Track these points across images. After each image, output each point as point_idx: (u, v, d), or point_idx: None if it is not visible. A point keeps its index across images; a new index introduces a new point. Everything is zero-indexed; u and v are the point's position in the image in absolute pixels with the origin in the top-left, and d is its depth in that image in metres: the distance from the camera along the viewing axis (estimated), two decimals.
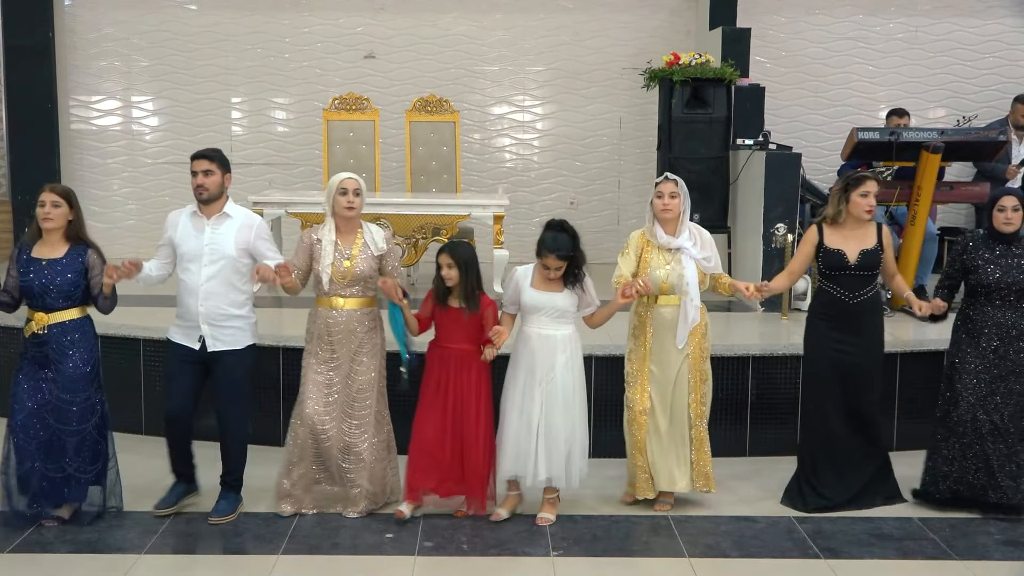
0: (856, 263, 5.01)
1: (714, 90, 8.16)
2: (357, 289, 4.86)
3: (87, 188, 9.78)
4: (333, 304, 4.84)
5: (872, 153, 7.52)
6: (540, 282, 4.86)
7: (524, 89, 9.95)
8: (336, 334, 4.85)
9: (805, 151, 8.46)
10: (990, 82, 9.84)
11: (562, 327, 4.87)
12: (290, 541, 4.68)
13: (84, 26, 9.74)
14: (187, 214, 4.91)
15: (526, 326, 4.90)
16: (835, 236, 5.07)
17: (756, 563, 4.56)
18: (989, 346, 5.01)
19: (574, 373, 4.90)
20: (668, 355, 4.98)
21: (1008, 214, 5.01)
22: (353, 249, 4.85)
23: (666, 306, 4.95)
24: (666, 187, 4.95)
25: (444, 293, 4.90)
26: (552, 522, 4.90)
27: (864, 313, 5.06)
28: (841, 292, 5.03)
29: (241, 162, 9.85)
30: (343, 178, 4.86)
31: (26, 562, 4.44)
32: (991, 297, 5.03)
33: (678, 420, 5.01)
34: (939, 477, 5.11)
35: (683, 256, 4.93)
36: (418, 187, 8.76)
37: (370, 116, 8.77)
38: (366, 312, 4.90)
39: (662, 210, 4.94)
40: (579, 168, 9.95)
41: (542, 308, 4.84)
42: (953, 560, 4.59)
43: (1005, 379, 5.00)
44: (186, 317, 4.85)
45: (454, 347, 4.92)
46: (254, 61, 9.81)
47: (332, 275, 4.80)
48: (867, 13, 9.87)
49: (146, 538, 4.67)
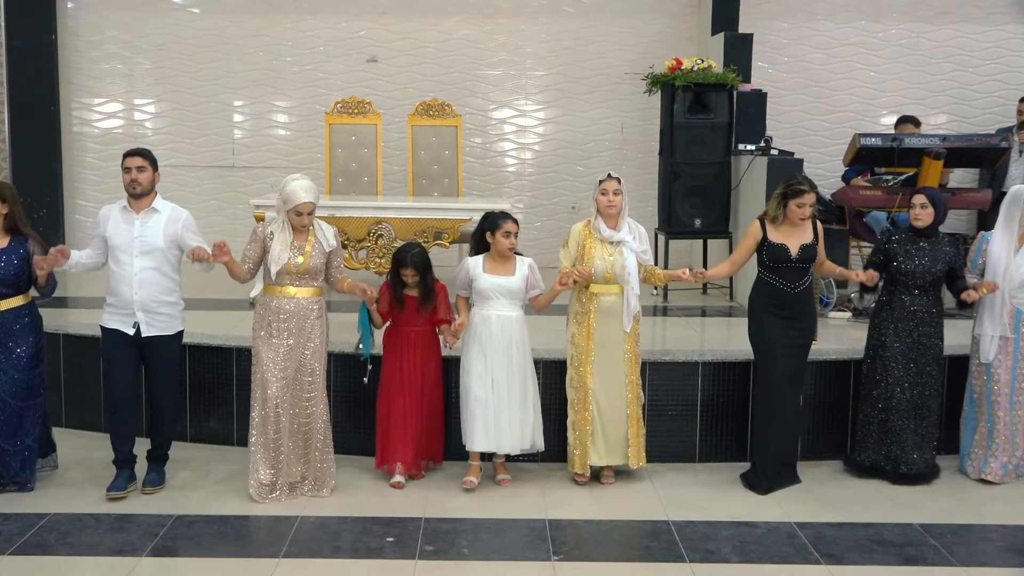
0: (797, 256, 5.38)
1: (716, 95, 8.16)
2: (308, 280, 5.20)
3: (88, 190, 9.80)
4: (285, 292, 5.16)
5: (874, 159, 7.54)
6: (492, 267, 5.38)
7: (526, 93, 9.96)
8: (287, 320, 5.15)
9: (807, 157, 8.50)
10: (992, 88, 9.85)
11: (515, 309, 5.40)
12: (291, 544, 4.68)
13: (87, 29, 9.75)
14: (118, 209, 5.23)
15: (485, 309, 5.37)
16: (777, 232, 5.44)
17: (757, 568, 4.55)
18: (905, 329, 5.54)
19: (526, 350, 5.42)
20: (609, 339, 5.38)
21: (917, 211, 5.54)
22: (306, 247, 5.17)
23: (607, 295, 5.36)
24: (610, 185, 5.33)
25: (401, 294, 5.43)
26: (510, 481, 5.43)
27: (804, 301, 5.45)
28: (784, 283, 5.40)
29: (243, 165, 9.89)
30: (299, 202, 5.07)
31: (27, 563, 4.44)
32: (907, 285, 5.55)
33: (617, 399, 5.41)
34: (860, 447, 5.68)
35: (624, 248, 5.35)
36: (420, 191, 8.77)
37: (372, 120, 8.77)
38: (315, 301, 5.23)
39: (607, 206, 5.33)
40: (581, 173, 9.95)
41: (498, 290, 5.33)
42: (954, 566, 4.58)
43: (917, 360, 5.54)
44: (119, 305, 5.13)
45: (411, 329, 5.47)
46: (256, 64, 9.82)
47: (285, 268, 5.11)
48: (869, 19, 9.88)
49: (147, 540, 4.67)
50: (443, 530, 4.87)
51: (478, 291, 5.38)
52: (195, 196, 9.80)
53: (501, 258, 5.40)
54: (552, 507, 5.17)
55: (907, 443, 5.53)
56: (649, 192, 9.57)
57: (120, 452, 5.24)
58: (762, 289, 5.50)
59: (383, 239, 7.25)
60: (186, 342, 5.56)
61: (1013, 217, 5.59)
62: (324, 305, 5.32)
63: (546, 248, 9.83)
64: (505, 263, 5.40)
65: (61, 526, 4.83)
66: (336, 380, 5.80)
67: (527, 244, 9.62)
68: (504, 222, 5.36)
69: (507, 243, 5.35)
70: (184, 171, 9.79)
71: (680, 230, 8.25)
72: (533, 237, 9.79)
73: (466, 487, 5.34)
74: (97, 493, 5.19)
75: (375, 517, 5.01)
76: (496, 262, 5.40)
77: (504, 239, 5.34)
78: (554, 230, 9.80)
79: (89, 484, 5.29)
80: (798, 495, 5.42)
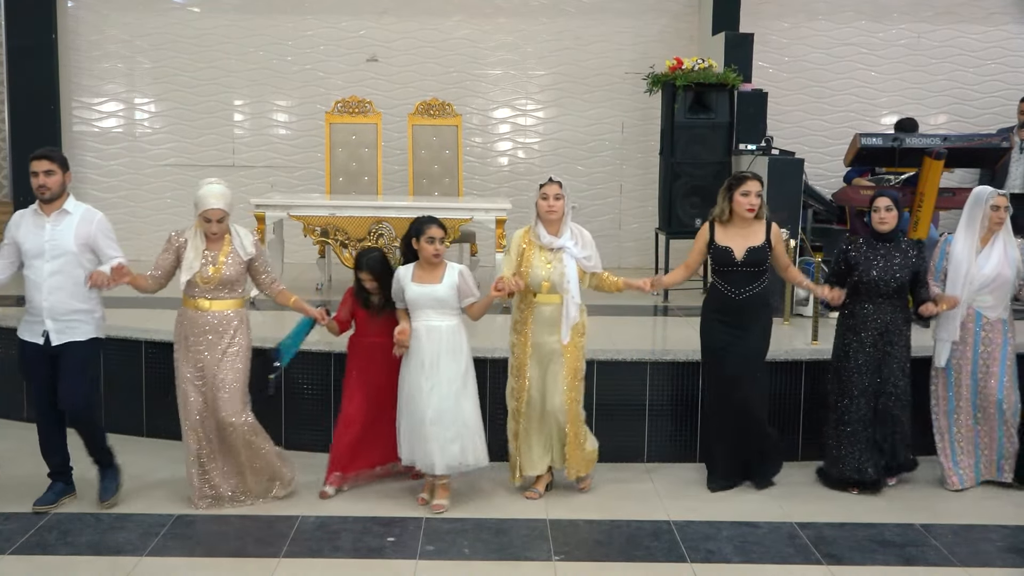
0: (742, 260, 5.20)
1: (717, 95, 8.15)
2: (224, 292, 5.00)
3: (89, 189, 9.79)
4: (199, 306, 4.97)
5: (875, 159, 7.52)
6: (420, 276, 5.10)
7: (527, 93, 9.96)
8: (203, 334, 4.97)
9: (807, 156, 8.50)
10: (992, 88, 9.84)
11: (446, 319, 5.09)
12: (291, 544, 4.67)
13: (87, 28, 9.74)
14: (29, 213, 5.04)
15: (415, 320, 5.11)
16: (724, 234, 5.27)
17: (758, 569, 4.55)
18: (869, 338, 5.35)
19: (460, 362, 5.09)
20: (547, 350, 5.15)
21: (882, 214, 5.34)
22: (220, 255, 4.97)
23: (547, 304, 5.12)
24: (551, 189, 5.13)
25: (366, 299, 5.27)
26: (445, 508, 5.07)
27: (749, 309, 5.25)
28: (728, 288, 5.24)
29: (243, 165, 9.88)
30: (207, 208, 4.90)
31: (27, 563, 4.43)
32: (871, 294, 5.34)
33: (553, 411, 5.17)
34: (832, 460, 5.49)
35: (564, 255, 5.11)
36: (420, 190, 8.76)
37: (372, 119, 8.77)
38: (234, 312, 5.04)
39: (547, 211, 5.12)
40: (581, 172, 9.94)
41: (425, 300, 5.06)
42: (955, 567, 4.58)
43: (880, 371, 5.36)
44: (32, 312, 4.96)
45: (373, 340, 5.26)
46: (256, 64, 9.81)
47: (197, 279, 4.92)
48: (870, 19, 9.87)
49: (147, 540, 4.67)
50: (444, 530, 4.87)
51: (408, 301, 5.11)
52: None
53: (428, 266, 5.09)
54: (553, 507, 5.17)
55: (878, 451, 5.39)
56: (649, 192, 9.58)
57: (50, 464, 5.11)
58: (710, 293, 5.41)
59: (383, 239, 7.25)
60: None
61: (975, 218, 5.43)
62: (245, 316, 5.10)
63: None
64: (433, 271, 5.09)
65: (61, 526, 4.83)
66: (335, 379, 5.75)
67: None
68: (428, 227, 5.07)
69: (431, 249, 5.04)
70: (184, 170, 9.78)
71: (680, 230, 8.23)
72: None
73: (435, 511, 5.08)
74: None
75: (376, 517, 5.01)
76: (424, 270, 5.10)
77: (428, 245, 5.04)
78: None
79: (89, 484, 5.28)
80: (799, 495, 5.42)
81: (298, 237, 7.97)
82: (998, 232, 5.43)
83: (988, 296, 5.43)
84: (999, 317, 5.46)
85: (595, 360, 5.75)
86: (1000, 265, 5.39)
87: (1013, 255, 5.42)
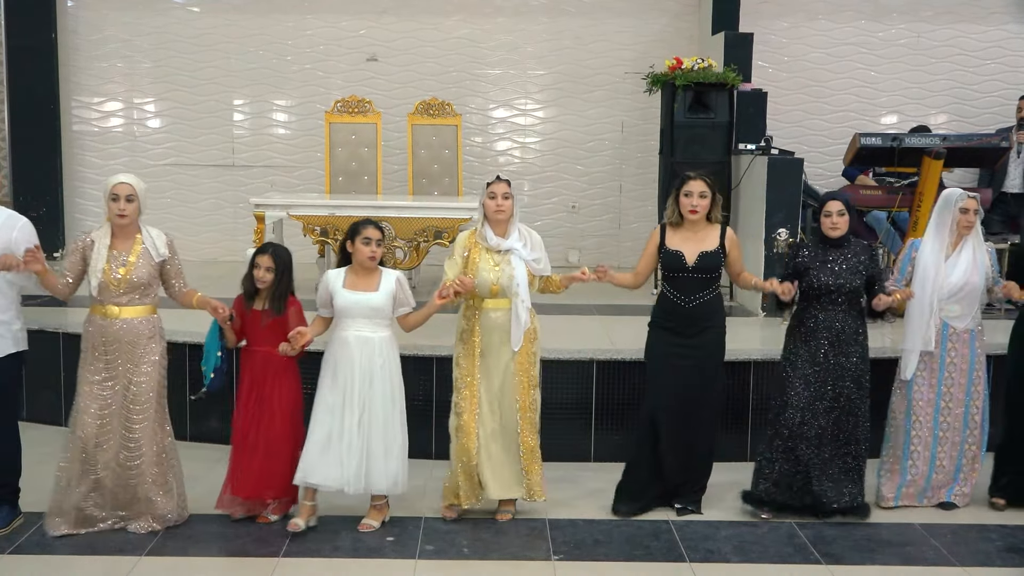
0: (694, 265, 4.89)
1: (716, 95, 8.15)
2: (136, 297, 4.62)
3: (88, 189, 9.79)
4: (108, 313, 4.59)
5: (874, 159, 7.53)
6: (353, 282, 4.74)
7: (526, 93, 9.96)
8: (113, 343, 4.61)
9: (807, 156, 8.49)
10: (992, 88, 9.83)
11: (379, 329, 4.75)
12: (291, 544, 4.67)
13: (87, 27, 9.74)
14: None
15: (343, 330, 4.74)
16: (676, 238, 4.97)
17: (757, 568, 4.55)
18: (819, 349, 4.97)
19: (392, 377, 4.77)
20: (497, 359, 4.83)
21: (834, 219, 4.98)
22: (131, 256, 4.61)
23: (495, 310, 4.82)
24: (499, 188, 4.84)
25: (252, 294, 4.83)
26: (375, 528, 4.80)
27: (701, 317, 4.92)
28: (678, 295, 4.92)
29: (243, 164, 9.88)
30: (115, 183, 4.60)
31: (26, 563, 4.43)
32: (822, 301, 4.97)
33: (508, 426, 4.86)
34: (762, 479, 5.08)
35: (513, 257, 4.82)
36: (420, 190, 8.76)
37: (372, 119, 8.77)
38: (146, 320, 4.67)
39: (495, 211, 4.83)
40: (581, 172, 9.95)
41: (358, 309, 4.70)
42: (954, 567, 4.58)
43: (834, 383, 4.97)
44: None
45: (261, 350, 4.82)
46: (256, 63, 9.81)
47: (107, 282, 4.56)
48: (869, 19, 9.87)
49: (147, 540, 4.67)
50: (443, 530, 4.87)
51: (337, 309, 4.71)
52: (195, 195, 9.82)
53: (364, 271, 4.73)
54: (552, 506, 5.16)
55: (821, 475, 4.98)
56: (649, 192, 9.58)
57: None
58: (660, 301, 5.04)
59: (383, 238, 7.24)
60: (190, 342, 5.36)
61: (944, 222, 5.11)
62: (159, 324, 4.74)
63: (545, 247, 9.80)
64: (368, 277, 4.74)
65: None
66: None
67: None
68: (364, 228, 4.70)
69: (367, 251, 4.68)
70: (184, 170, 9.79)
71: None
72: None
73: (290, 529, 4.71)
74: None
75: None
76: (358, 276, 4.74)
77: (364, 246, 4.68)
78: (554, 229, 9.80)
79: None
80: None
81: (298, 237, 7.98)
82: (967, 237, 5.13)
83: (955, 306, 5.12)
84: (967, 328, 5.14)
85: (594, 360, 5.81)
86: (968, 272, 5.08)
87: (982, 261, 5.12)
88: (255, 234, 7.32)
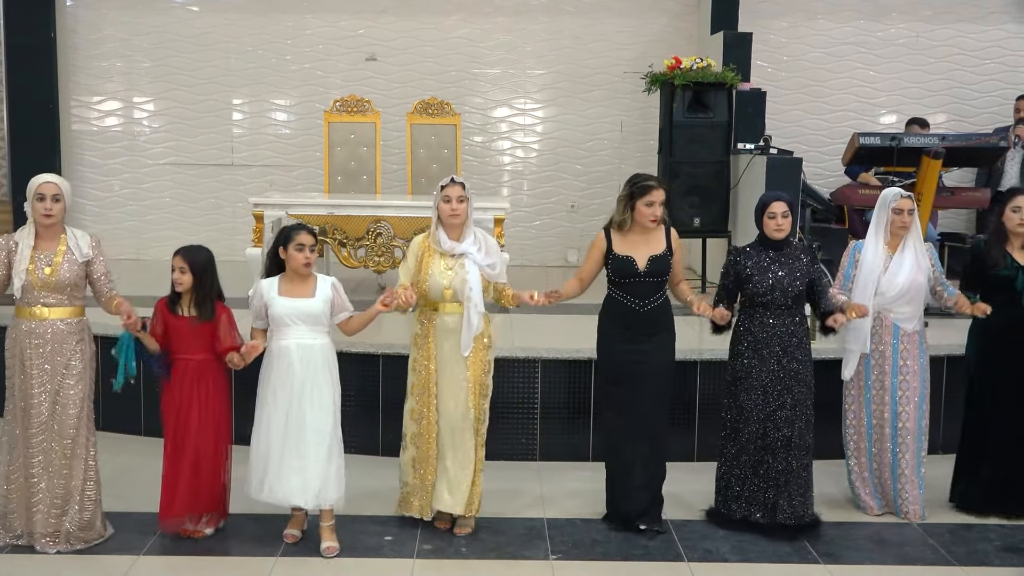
0: (646, 270, 4.76)
1: (715, 94, 8.15)
2: (63, 298, 4.48)
3: (87, 188, 9.80)
4: (35, 315, 4.44)
5: (873, 158, 7.54)
6: (288, 289, 4.60)
7: (525, 92, 9.96)
8: (40, 347, 4.46)
9: (806, 156, 8.49)
10: (991, 88, 9.84)
11: (319, 336, 4.61)
12: (289, 543, 4.67)
13: (86, 26, 9.74)
14: None
15: (282, 338, 4.57)
16: (623, 242, 4.82)
17: (755, 568, 4.55)
18: (772, 356, 4.83)
19: (336, 385, 4.65)
20: (452, 365, 4.72)
21: (779, 220, 4.85)
22: (56, 256, 4.48)
23: (450, 314, 4.69)
24: (454, 191, 4.67)
25: (174, 299, 4.63)
26: (338, 551, 4.60)
27: (654, 320, 4.80)
28: (632, 300, 4.77)
29: (242, 164, 9.88)
30: (40, 183, 4.52)
31: (24, 563, 4.43)
32: (768, 306, 4.83)
33: (463, 435, 4.75)
34: (731, 498, 4.93)
35: (467, 261, 4.69)
36: (419, 190, 8.75)
37: (371, 118, 8.76)
38: (74, 322, 4.53)
39: (450, 215, 4.66)
40: (580, 171, 9.95)
41: (296, 316, 4.55)
42: (952, 566, 4.59)
43: (791, 390, 4.83)
44: None
45: (187, 358, 4.62)
46: (255, 62, 9.81)
47: (32, 282, 4.41)
48: (868, 18, 9.88)
49: (144, 539, 4.67)
50: (441, 529, 4.86)
51: (273, 317, 4.56)
52: (194, 194, 9.81)
53: (298, 277, 4.58)
54: (550, 506, 5.17)
55: (786, 487, 4.82)
56: None
57: None
58: (609, 307, 4.85)
59: (382, 238, 7.25)
60: None
61: (881, 223, 5.04)
62: (87, 327, 4.60)
63: (544, 247, 9.86)
64: (303, 283, 4.58)
65: None
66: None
67: (526, 243, 9.64)
68: (297, 234, 4.54)
69: (300, 258, 4.52)
70: (183, 169, 9.79)
71: (679, 229, 8.12)
72: (532, 236, 9.80)
73: (288, 541, 4.68)
74: None
75: (373, 516, 5.00)
76: (293, 283, 4.58)
77: (297, 253, 4.52)
78: (553, 229, 9.81)
79: None
80: None
81: None
82: (907, 237, 5.04)
83: (905, 307, 5.03)
84: (915, 330, 5.07)
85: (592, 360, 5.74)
86: (913, 272, 4.99)
87: (925, 264, 5.03)
88: (254, 233, 7.32)
